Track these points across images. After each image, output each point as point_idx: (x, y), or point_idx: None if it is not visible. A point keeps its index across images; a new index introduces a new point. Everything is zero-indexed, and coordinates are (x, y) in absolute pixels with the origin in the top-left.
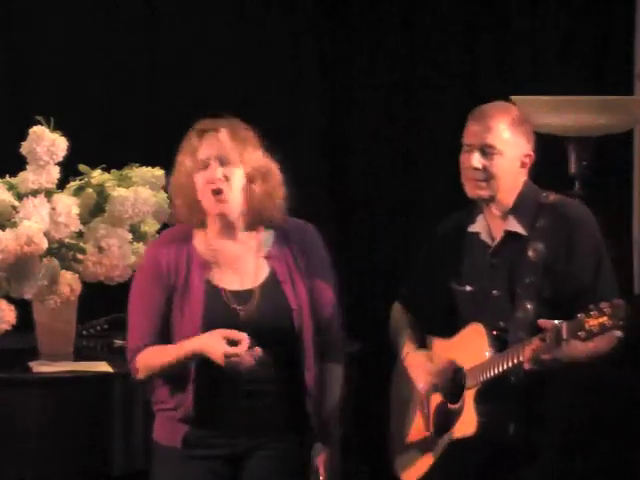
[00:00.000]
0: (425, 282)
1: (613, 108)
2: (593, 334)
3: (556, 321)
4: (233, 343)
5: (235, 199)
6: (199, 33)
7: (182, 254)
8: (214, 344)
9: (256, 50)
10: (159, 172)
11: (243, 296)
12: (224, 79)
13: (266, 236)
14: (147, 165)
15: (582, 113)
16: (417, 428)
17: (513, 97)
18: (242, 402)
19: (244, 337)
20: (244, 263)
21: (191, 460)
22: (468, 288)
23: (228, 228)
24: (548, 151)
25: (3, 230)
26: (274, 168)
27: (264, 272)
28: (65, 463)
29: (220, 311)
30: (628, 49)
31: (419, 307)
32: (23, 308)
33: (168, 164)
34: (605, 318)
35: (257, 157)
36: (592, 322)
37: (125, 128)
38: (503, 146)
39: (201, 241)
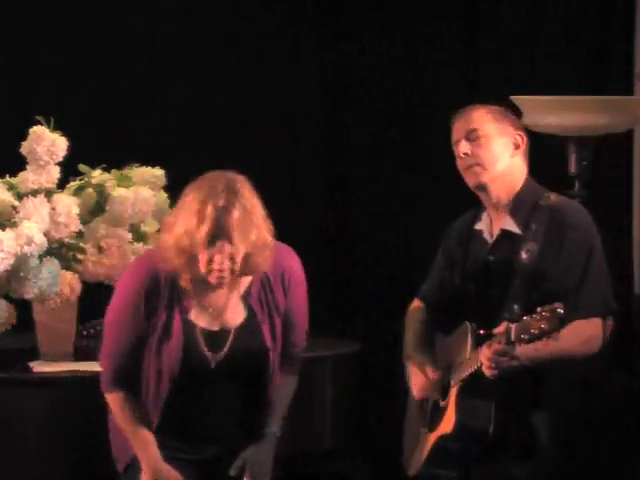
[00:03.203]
0: (438, 279)
1: (613, 108)
2: (535, 337)
3: (507, 323)
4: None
5: (235, 272)
6: (199, 33)
7: (166, 286)
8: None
9: (256, 51)
10: (159, 172)
11: (218, 338)
12: (224, 80)
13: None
14: (147, 165)
15: (582, 113)
16: (420, 428)
17: (513, 97)
18: (209, 420)
19: None
20: (224, 303)
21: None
22: (471, 286)
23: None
24: (548, 151)
25: (3, 230)
26: (269, 235)
27: (242, 313)
28: (65, 463)
29: (195, 356)
30: (628, 49)
31: (435, 304)
32: (23, 308)
33: (168, 164)
34: (543, 322)
35: (258, 234)
36: (534, 325)
37: (125, 128)
38: (486, 128)
39: (185, 278)
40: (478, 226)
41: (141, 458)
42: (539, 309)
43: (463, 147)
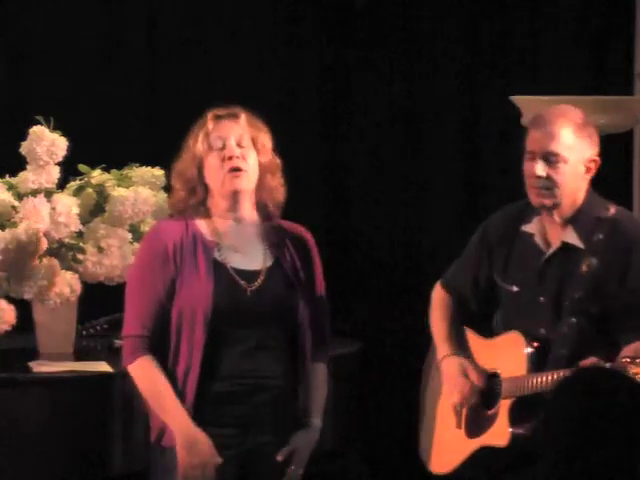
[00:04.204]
0: (471, 270)
1: (613, 108)
2: None
3: (597, 360)
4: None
5: (251, 179)
6: (200, 35)
7: (187, 236)
8: (193, 451)
9: (257, 53)
10: (159, 172)
11: (250, 275)
12: (224, 80)
13: (268, 227)
14: (147, 165)
15: None
16: (449, 424)
17: (513, 97)
18: (244, 396)
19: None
20: (250, 246)
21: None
22: (515, 288)
23: (234, 212)
24: None
25: (3, 230)
26: (280, 166)
27: (270, 258)
28: (65, 463)
29: (229, 287)
30: (628, 49)
31: (461, 293)
32: (23, 308)
33: (168, 164)
34: None
35: (270, 149)
36: (634, 370)
37: (125, 128)
38: (567, 153)
39: (203, 224)
40: (528, 228)
41: (172, 425)
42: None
43: (539, 169)
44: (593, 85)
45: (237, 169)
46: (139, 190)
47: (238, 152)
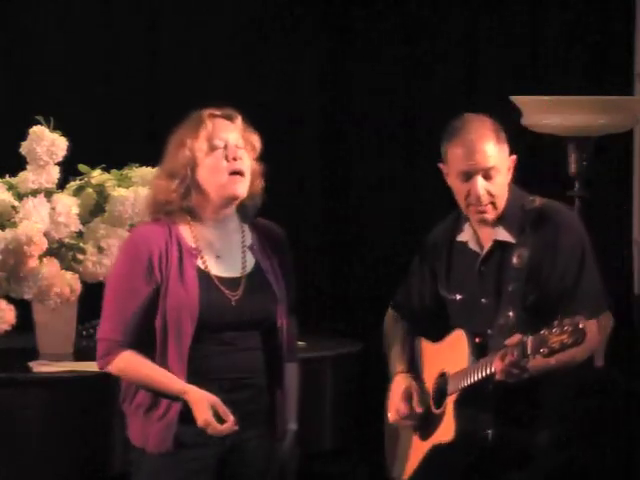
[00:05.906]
0: (416, 289)
1: (613, 108)
2: (554, 351)
3: (522, 336)
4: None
5: (247, 184)
6: (200, 36)
7: (172, 243)
8: (202, 407)
9: (257, 53)
10: None
11: (232, 283)
12: (224, 81)
13: (246, 229)
14: (147, 165)
15: (582, 113)
16: (407, 432)
17: (513, 97)
18: (225, 395)
19: (230, 418)
20: (230, 252)
21: (185, 462)
22: (458, 297)
23: (221, 214)
24: (548, 151)
25: (3, 230)
26: (262, 171)
27: (250, 262)
28: (65, 463)
29: (214, 297)
30: (628, 49)
31: (411, 314)
32: (23, 308)
33: None
34: (565, 336)
35: (258, 153)
36: (554, 339)
37: (125, 128)
38: (498, 163)
39: (186, 230)
40: (461, 237)
41: (182, 393)
42: (557, 323)
43: (482, 189)
44: (593, 85)
45: (239, 172)
46: (139, 190)
47: (239, 153)
